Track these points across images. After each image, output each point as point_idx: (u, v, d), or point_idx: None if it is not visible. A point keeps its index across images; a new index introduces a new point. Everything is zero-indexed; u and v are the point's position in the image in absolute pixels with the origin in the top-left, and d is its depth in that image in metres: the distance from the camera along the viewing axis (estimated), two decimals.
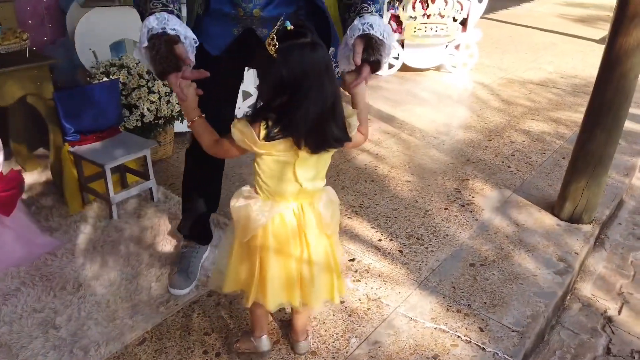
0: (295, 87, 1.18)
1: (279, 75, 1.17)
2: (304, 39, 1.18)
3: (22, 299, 1.84)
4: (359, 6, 1.45)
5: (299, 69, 1.17)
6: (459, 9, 4.57)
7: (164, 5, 1.33)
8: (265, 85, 1.23)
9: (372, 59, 1.40)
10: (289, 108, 1.20)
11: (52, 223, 2.31)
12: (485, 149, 3.25)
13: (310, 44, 1.18)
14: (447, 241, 2.29)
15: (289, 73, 1.17)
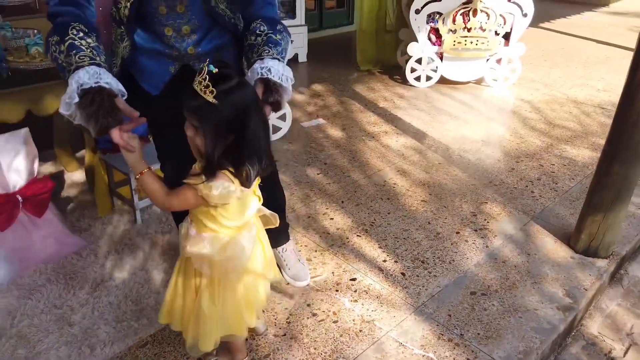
0: (242, 125, 1.24)
1: (224, 119, 1.22)
2: (234, 79, 1.24)
3: (45, 295, 2.03)
4: (261, 48, 1.49)
5: (242, 107, 1.24)
6: (502, 22, 4.47)
7: (91, 59, 1.28)
8: (210, 133, 1.24)
9: (272, 100, 1.45)
10: (241, 147, 1.26)
11: (82, 223, 2.51)
12: (511, 171, 3.19)
13: (241, 82, 1.25)
14: (452, 267, 2.30)
15: (233, 114, 1.23)
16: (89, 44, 1.32)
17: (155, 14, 1.52)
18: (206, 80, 1.21)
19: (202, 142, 1.28)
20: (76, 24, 1.33)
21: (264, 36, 1.51)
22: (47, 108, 2.34)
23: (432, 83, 4.76)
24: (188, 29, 1.56)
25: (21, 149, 2.07)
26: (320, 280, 2.19)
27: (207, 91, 1.21)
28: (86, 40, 1.32)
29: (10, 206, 2.07)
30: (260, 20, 1.55)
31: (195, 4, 1.53)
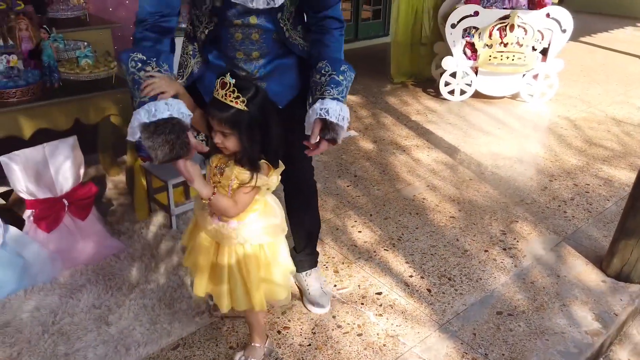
0: (267, 122, 1.44)
1: (255, 121, 1.41)
2: (251, 86, 1.41)
3: (85, 295, 2.15)
4: (324, 88, 1.59)
5: (265, 108, 1.43)
6: (539, 38, 4.42)
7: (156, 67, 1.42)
8: (246, 135, 1.41)
9: (328, 137, 1.57)
10: (269, 139, 1.46)
11: (121, 227, 2.63)
12: (544, 189, 3.15)
13: (256, 86, 1.43)
14: (479, 285, 2.30)
15: (260, 115, 1.41)
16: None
17: (230, 40, 1.63)
18: (235, 92, 1.36)
19: (237, 144, 1.45)
20: (154, 60, 1.45)
21: (327, 76, 1.62)
22: (93, 117, 2.47)
23: (466, 97, 4.74)
24: (257, 54, 1.69)
25: (69, 156, 2.20)
26: (346, 293, 2.23)
27: (238, 101, 1.37)
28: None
29: (57, 209, 2.20)
30: (326, 61, 1.66)
31: (269, 34, 1.65)
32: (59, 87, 2.45)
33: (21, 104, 2.26)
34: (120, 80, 2.58)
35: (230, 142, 1.44)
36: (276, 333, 2.01)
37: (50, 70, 2.40)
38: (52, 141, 2.16)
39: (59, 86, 2.45)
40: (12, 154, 2.07)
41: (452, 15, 4.46)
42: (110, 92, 2.48)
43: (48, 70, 2.40)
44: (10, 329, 1.97)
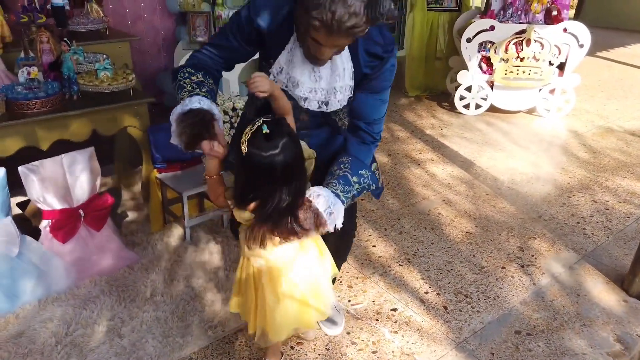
0: (261, 186, 1.37)
1: (246, 172, 1.36)
2: (272, 149, 1.31)
3: (98, 306, 2.14)
4: (332, 179, 1.54)
5: (264, 173, 1.34)
6: (556, 53, 4.39)
7: (205, 93, 1.48)
8: (237, 173, 1.40)
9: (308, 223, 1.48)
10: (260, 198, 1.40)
11: (135, 238, 2.63)
12: (562, 206, 3.10)
13: (270, 155, 1.32)
14: (496, 303, 2.25)
15: (254, 173, 1.35)
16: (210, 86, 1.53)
17: None
18: (248, 135, 1.33)
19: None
20: (201, 73, 1.53)
21: (342, 171, 1.57)
22: (111, 128, 2.49)
23: (482, 111, 4.71)
24: (306, 132, 1.67)
25: (86, 167, 2.22)
26: (361, 309, 2.20)
27: (244, 144, 1.33)
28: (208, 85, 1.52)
29: (73, 220, 2.21)
30: (350, 158, 1.62)
31: (317, 116, 1.65)
32: (78, 99, 2.47)
33: (40, 115, 2.28)
34: (138, 93, 2.60)
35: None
36: (289, 349, 1.98)
37: (70, 82, 2.43)
38: (70, 152, 2.18)
39: (78, 98, 2.47)
40: (30, 164, 2.09)
41: (468, 30, 4.45)
42: (128, 104, 2.50)
43: (67, 82, 2.43)
44: (23, 339, 1.97)
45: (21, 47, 2.71)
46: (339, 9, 1.30)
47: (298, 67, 1.54)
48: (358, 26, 1.33)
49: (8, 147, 2.26)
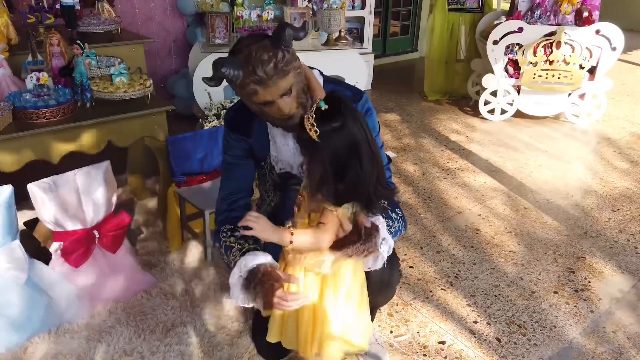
0: (344, 165, 1.33)
1: (327, 157, 1.31)
2: (339, 120, 1.30)
3: (115, 338, 1.93)
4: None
5: (343, 149, 1.31)
6: (587, 56, 4.17)
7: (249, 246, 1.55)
8: (316, 167, 1.35)
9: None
10: (344, 184, 1.35)
11: (151, 258, 2.42)
12: (608, 221, 2.89)
13: (344, 123, 1.31)
14: (554, 334, 2.04)
15: (334, 154, 1.31)
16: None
17: (291, 203, 1.61)
18: (312, 118, 1.29)
19: (318, 172, 1.36)
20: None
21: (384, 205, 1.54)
22: (127, 139, 2.29)
23: (507, 117, 4.50)
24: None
25: (101, 183, 2.01)
26: (405, 341, 1.99)
27: (312, 130, 1.29)
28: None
29: (87, 242, 2.00)
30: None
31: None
32: (92, 107, 2.26)
33: (51, 126, 2.08)
34: (155, 100, 2.39)
35: (310, 167, 1.40)
36: None
37: (83, 89, 2.22)
38: (83, 167, 1.97)
39: (91, 106, 2.27)
40: (40, 181, 1.88)
41: (495, 32, 4.24)
42: (146, 113, 2.30)
43: (80, 88, 2.22)
44: None
45: (28, 49, 2.51)
46: (255, 64, 1.34)
47: (282, 149, 1.62)
48: (281, 61, 1.37)
49: (16, 160, 2.06)
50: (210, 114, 2.81)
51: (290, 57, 1.40)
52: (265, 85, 1.38)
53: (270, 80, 1.37)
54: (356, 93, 1.66)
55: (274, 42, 1.37)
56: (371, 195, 1.38)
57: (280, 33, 1.36)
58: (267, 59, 1.35)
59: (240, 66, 1.35)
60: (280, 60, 1.37)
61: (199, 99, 3.04)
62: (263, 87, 1.38)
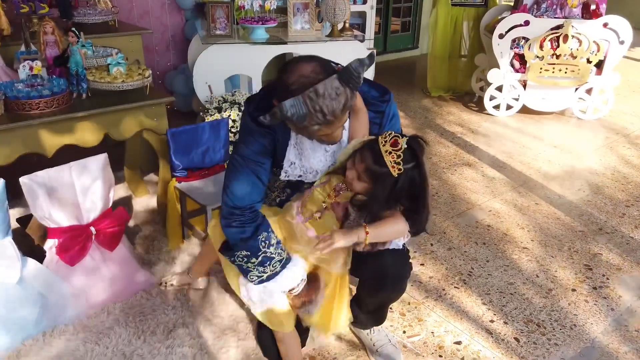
0: (406, 198, 1.46)
1: (394, 191, 1.41)
2: (415, 162, 1.40)
3: (113, 340, 1.83)
4: None
5: (414, 187, 1.42)
6: (595, 50, 4.09)
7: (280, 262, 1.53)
8: (377, 193, 1.43)
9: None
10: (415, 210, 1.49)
11: (151, 256, 2.32)
12: (622, 216, 2.80)
13: (418, 163, 1.40)
14: (574, 334, 1.94)
15: (406, 190, 1.42)
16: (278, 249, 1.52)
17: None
18: (400, 157, 1.36)
19: (363, 192, 1.47)
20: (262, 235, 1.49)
21: None
22: (125, 132, 2.18)
23: (513, 112, 4.41)
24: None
25: (98, 177, 1.90)
26: (419, 342, 1.89)
27: (396, 167, 1.37)
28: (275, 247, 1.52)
29: (83, 239, 1.90)
30: None
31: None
32: (87, 98, 2.16)
33: (45, 117, 1.97)
34: (154, 92, 2.29)
35: (359, 186, 1.46)
36: None
37: (78, 79, 2.12)
38: (79, 160, 1.86)
39: (87, 97, 2.16)
40: (33, 174, 1.77)
41: (501, 25, 4.15)
42: (145, 104, 2.19)
43: (75, 79, 2.12)
44: None
45: (21, 40, 2.40)
46: (324, 104, 1.29)
47: (311, 156, 1.57)
48: (348, 100, 1.33)
49: (7, 154, 1.96)
50: (212, 107, 2.71)
51: (353, 95, 1.35)
52: (330, 124, 1.35)
53: (337, 121, 1.35)
54: (383, 93, 1.58)
55: (346, 82, 1.29)
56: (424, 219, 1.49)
57: (353, 72, 1.29)
58: (336, 100, 1.29)
59: (305, 107, 1.28)
60: (349, 100, 1.33)
61: (199, 92, 2.93)
62: (328, 125, 1.36)
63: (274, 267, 1.49)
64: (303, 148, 1.56)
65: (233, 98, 2.72)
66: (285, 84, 1.33)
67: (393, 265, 1.55)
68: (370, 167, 1.40)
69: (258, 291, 1.54)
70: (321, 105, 1.28)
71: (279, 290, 1.53)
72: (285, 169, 1.60)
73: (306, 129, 1.38)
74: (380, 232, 1.46)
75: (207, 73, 2.88)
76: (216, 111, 2.68)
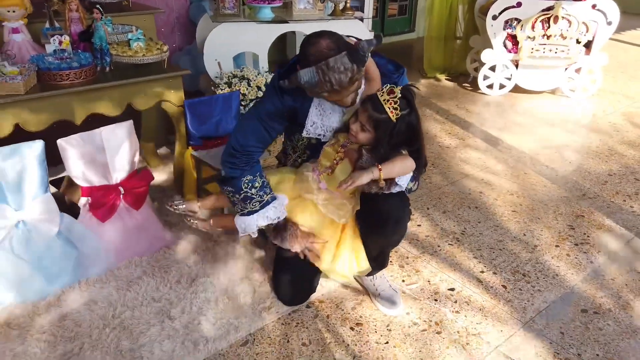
0: (403, 142, 1.72)
1: (394, 134, 1.65)
2: (410, 107, 1.65)
3: (143, 287, 2.03)
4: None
5: (409, 129, 1.67)
6: (584, 30, 4.28)
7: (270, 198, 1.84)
8: (379, 139, 1.66)
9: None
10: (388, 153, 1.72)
11: (169, 218, 2.51)
12: (605, 184, 3.02)
13: (413, 110, 1.66)
14: (556, 282, 2.16)
15: (405, 133, 1.67)
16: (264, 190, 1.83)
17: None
18: (397, 103, 1.59)
19: (367, 141, 1.70)
20: (257, 175, 1.82)
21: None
22: (146, 103, 2.36)
23: (506, 92, 4.60)
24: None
25: (125, 141, 2.09)
26: (416, 289, 2.11)
27: (394, 111, 1.60)
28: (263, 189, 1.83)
29: (113, 197, 2.09)
30: None
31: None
32: (110, 71, 2.33)
33: (74, 87, 2.15)
34: (171, 65, 2.47)
35: (363, 137, 1.68)
36: (349, 330, 1.89)
37: (102, 53, 2.29)
38: (109, 125, 2.04)
39: (110, 70, 2.34)
40: (69, 137, 1.95)
41: (494, 6, 4.33)
42: (164, 77, 2.37)
43: (100, 53, 2.29)
44: (68, 322, 1.85)
45: (42, 18, 2.56)
46: (332, 76, 1.52)
47: (331, 116, 1.80)
48: (356, 74, 1.55)
49: (41, 120, 2.13)
50: (222, 82, 2.88)
51: (362, 69, 1.57)
52: (337, 93, 1.61)
53: (344, 90, 1.59)
54: (398, 67, 1.83)
55: (354, 59, 1.52)
56: (424, 162, 1.78)
57: (360, 50, 1.53)
58: (344, 73, 1.52)
59: (317, 77, 1.53)
60: (356, 73, 1.56)
61: (209, 68, 3.10)
62: (336, 94, 1.61)
63: (253, 205, 1.80)
64: (324, 109, 1.79)
65: (242, 74, 2.90)
66: (306, 54, 1.58)
67: (394, 209, 1.76)
68: (371, 115, 1.62)
69: (240, 221, 1.87)
70: (330, 77, 1.53)
71: (254, 224, 1.84)
72: (307, 128, 1.83)
73: (317, 94, 1.65)
74: (392, 168, 1.67)
75: (217, 50, 3.05)
76: (226, 86, 2.86)
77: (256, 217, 1.83)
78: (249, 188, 1.79)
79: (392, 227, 1.80)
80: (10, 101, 1.99)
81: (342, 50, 1.53)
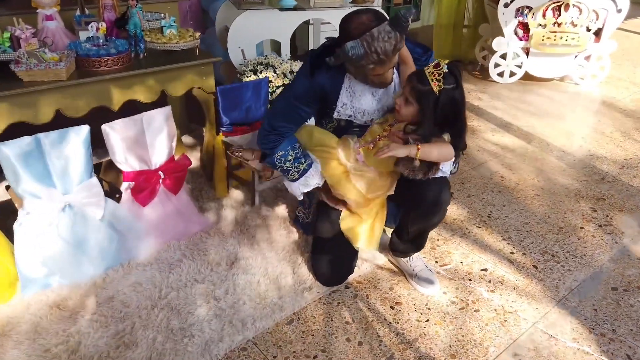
0: (449, 118, 1.70)
1: (437, 108, 1.64)
2: (456, 82, 1.64)
3: (184, 270, 2.07)
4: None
5: (452, 105, 1.66)
6: (594, 18, 4.33)
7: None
8: (423, 112, 1.67)
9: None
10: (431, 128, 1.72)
11: (202, 204, 2.55)
12: (622, 168, 3.08)
13: (459, 84, 1.65)
14: (585, 261, 2.23)
15: (444, 107, 1.65)
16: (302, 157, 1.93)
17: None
18: (441, 76, 1.59)
19: (411, 116, 1.71)
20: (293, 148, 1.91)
21: None
22: (179, 89, 2.38)
23: (516, 79, 4.65)
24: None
25: (164, 126, 2.12)
26: (450, 269, 2.16)
27: (437, 83, 1.60)
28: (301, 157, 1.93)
29: (153, 182, 2.12)
30: None
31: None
32: (144, 58, 2.35)
33: (112, 73, 2.17)
34: (202, 52, 2.49)
35: (406, 111, 1.70)
36: (389, 309, 1.94)
37: (137, 39, 2.31)
38: (149, 111, 2.07)
39: (144, 57, 2.36)
40: (112, 122, 1.98)
41: None
42: (196, 64, 2.39)
43: (134, 39, 2.31)
44: (116, 303, 1.89)
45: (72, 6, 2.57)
46: (378, 45, 1.57)
47: (362, 98, 1.85)
48: (398, 43, 1.60)
49: (80, 107, 2.15)
50: (247, 70, 2.90)
51: (403, 38, 1.61)
52: (383, 64, 1.64)
53: (388, 60, 1.62)
54: (426, 50, 1.89)
55: (396, 27, 1.57)
56: (464, 138, 1.79)
57: (401, 18, 1.56)
58: (388, 42, 1.57)
59: (363, 48, 1.57)
60: (399, 41, 1.60)
61: (233, 57, 3.12)
62: (381, 65, 1.64)
63: (292, 175, 1.92)
64: (355, 91, 1.84)
65: (267, 61, 2.92)
66: (346, 31, 1.62)
67: (437, 192, 1.81)
68: (415, 87, 1.65)
69: (287, 185, 2.01)
70: (376, 47, 1.58)
71: (297, 191, 1.97)
72: (337, 109, 1.88)
73: (363, 67, 1.68)
74: (430, 151, 1.68)
75: (241, 37, 3.07)
76: (252, 73, 2.88)
77: (297, 185, 1.95)
78: (283, 162, 1.90)
79: (433, 209, 1.85)
80: (53, 87, 2.01)
81: (383, 20, 1.59)
